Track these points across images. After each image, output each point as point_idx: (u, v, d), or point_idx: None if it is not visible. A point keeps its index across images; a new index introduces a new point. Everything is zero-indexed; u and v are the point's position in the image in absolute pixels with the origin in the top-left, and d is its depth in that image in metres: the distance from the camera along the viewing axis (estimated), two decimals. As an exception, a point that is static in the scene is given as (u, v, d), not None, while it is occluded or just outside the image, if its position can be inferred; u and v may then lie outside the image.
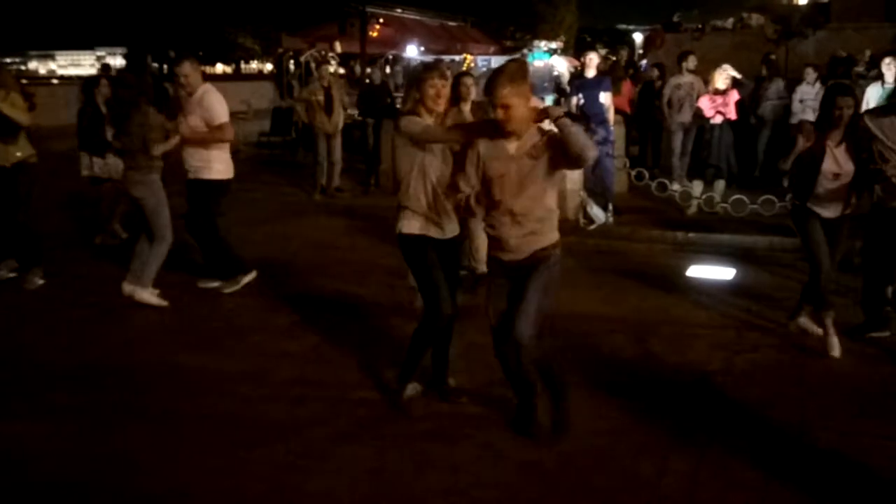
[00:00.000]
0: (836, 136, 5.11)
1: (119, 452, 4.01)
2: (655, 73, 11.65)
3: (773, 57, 11.44)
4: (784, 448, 4.04)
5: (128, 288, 6.26)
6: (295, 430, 4.22)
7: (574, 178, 8.92)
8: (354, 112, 12.70)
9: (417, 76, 4.31)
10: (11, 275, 6.93)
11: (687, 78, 10.62)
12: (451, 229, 4.34)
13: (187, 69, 6.21)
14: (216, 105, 6.24)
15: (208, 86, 6.35)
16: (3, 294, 6.66)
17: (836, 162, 5.11)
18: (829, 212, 5.22)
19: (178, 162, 6.46)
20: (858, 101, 5.46)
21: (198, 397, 4.65)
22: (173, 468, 3.86)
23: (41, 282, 6.79)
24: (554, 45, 19.94)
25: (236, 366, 5.12)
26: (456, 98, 5.81)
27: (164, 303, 6.26)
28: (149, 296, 6.25)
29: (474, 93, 6.38)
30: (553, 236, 3.98)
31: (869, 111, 5.72)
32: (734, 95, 8.96)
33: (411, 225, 4.25)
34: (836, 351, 5.20)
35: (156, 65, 29.90)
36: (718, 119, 8.98)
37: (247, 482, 3.74)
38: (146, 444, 4.08)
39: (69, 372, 5.03)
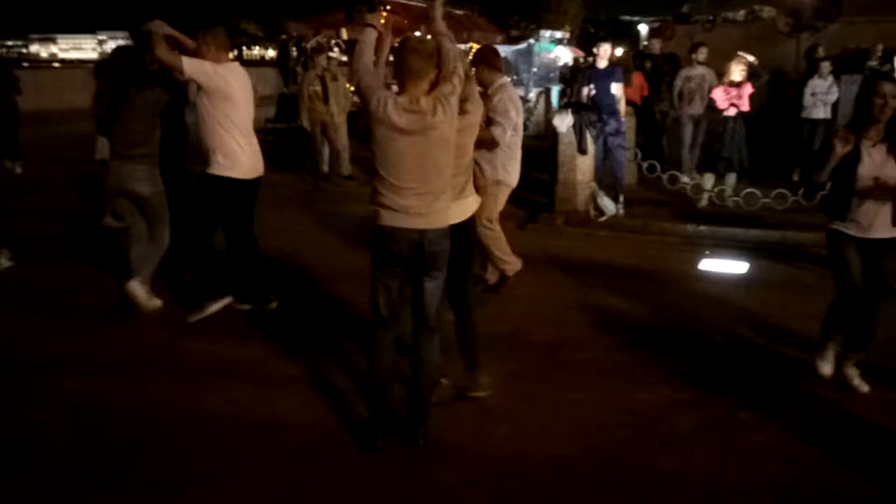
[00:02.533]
0: (875, 133, 4.31)
1: (137, 440, 3.98)
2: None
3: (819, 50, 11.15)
4: (808, 444, 4.01)
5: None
6: (287, 430, 4.16)
7: (584, 169, 8.87)
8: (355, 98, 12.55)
9: None
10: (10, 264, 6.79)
11: (698, 70, 10.56)
12: None
13: None
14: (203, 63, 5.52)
15: (229, 65, 5.94)
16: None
17: (875, 164, 4.29)
18: (870, 231, 4.37)
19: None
20: None
21: (189, 396, 4.56)
22: (192, 455, 3.83)
23: (8, 264, 6.68)
24: (559, 34, 19.78)
25: (229, 362, 5.03)
26: None
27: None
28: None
29: None
30: None
31: None
32: (748, 88, 8.89)
33: None
34: (825, 370, 4.70)
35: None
36: (732, 111, 8.91)
37: (235, 482, 3.68)
38: (165, 431, 4.06)
39: (80, 359, 5.00)
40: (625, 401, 4.43)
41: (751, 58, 9.04)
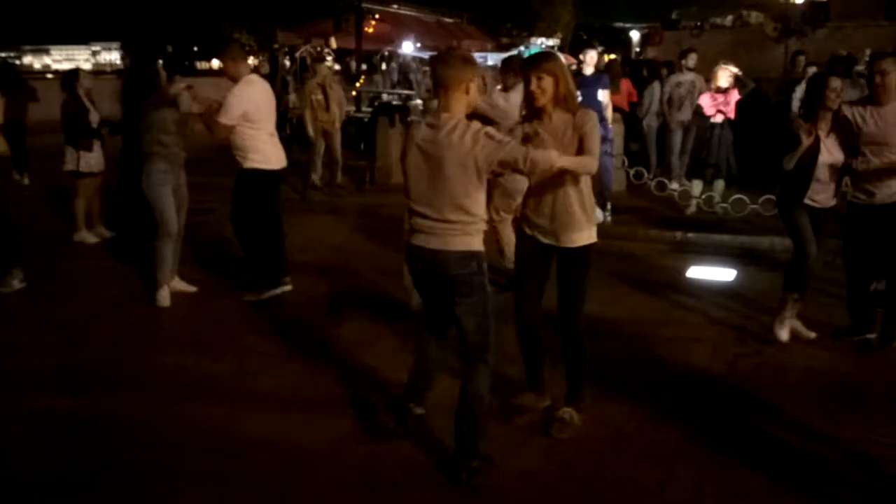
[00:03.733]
0: (825, 124, 5.11)
1: (100, 459, 3.87)
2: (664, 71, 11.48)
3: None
4: (790, 455, 3.93)
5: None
6: (284, 436, 4.08)
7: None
8: (351, 108, 12.56)
9: None
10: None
11: (688, 76, 10.53)
12: None
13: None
14: (228, 98, 5.99)
15: (247, 78, 6.11)
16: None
17: (830, 152, 5.11)
18: (820, 202, 5.22)
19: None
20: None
21: (184, 401, 4.51)
22: (161, 474, 3.73)
23: (21, 285, 6.58)
24: (551, 42, 19.78)
25: (225, 368, 4.99)
26: None
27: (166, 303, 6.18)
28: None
29: None
30: None
31: (849, 101, 5.40)
32: (735, 95, 8.83)
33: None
34: (783, 336, 5.37)
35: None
36: (719, 118, 8.85)
37: (232, 490, 3.61)
38: (132, 450, 3.95)
39: (52, 375, 4.89)
40: (602, 413, 4.32)
41: (735, 69, 8.97)
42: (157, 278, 6.20)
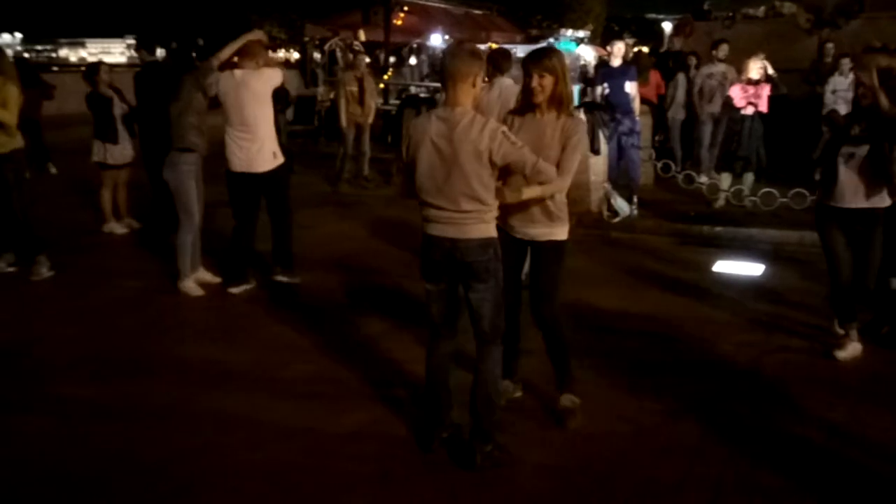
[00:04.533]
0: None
1: (121, 448, 3.92)
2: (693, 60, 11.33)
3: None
4: (813, 453, 3.86)
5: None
6: (304, 429, 4.10)
7: (598, 169, 8.73)
8: (379, 101, 12.59)
9: None
10: (10, 269, 6.84)
11: (719, 67, 10.40)
12: None
13: None
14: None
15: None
16: (12, 285, 6.58)
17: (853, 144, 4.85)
18: (848, 202, 4.91)
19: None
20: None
21: (206, 391, 4.55)
22: (179, 466, 3.76)
23: (49, 273, 6.70)
24: (581, 34, 19.58)
25: (247, 359, 5.02)
26: None
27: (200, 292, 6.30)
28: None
29: None
30: None
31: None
32: (767, 88, 8.67)
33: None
34: (845, 354, 4.97)
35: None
36: (750, 110, 8.71)
37: (251, 481, 3.63)
38: (152, 441, 3.99)
39: (76, 364, 4.96)
40: (624, 410, 4.29)
41: (771, 70, 8.78)
42: (179, 269, 6.26)
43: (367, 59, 13.20)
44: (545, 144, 3.85)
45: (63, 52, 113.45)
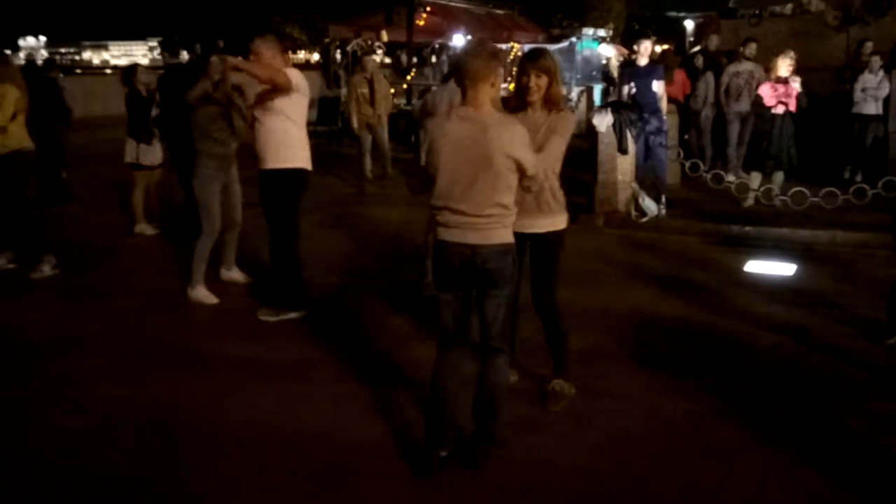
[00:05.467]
0: None
1: (160, 450, 3.94)
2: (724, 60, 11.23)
3: None
4: (854, 456, 3.82)
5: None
6: (338, 428, 4.11)
7: (625, 169, 8.68)
8: (401, 102, 12.58)
9: None
10: (10, 265, 6.92)
11: (746, 65, 10.32)
12: None
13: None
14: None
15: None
16: (44, 286, 6.63)
17: None
18: None
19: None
20: None
21: (241, 391, 4.57)
22: (216, 464, 3.77)
23: (53, 272, 6.75)
24: (602, 32, 19.50)
25: (280, 358, 5.04)
26: None
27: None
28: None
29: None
30: None
31: None
32: (796, 86, 8.57)
33: None
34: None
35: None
36: (780, 109, 8.62)
37: (289, 481, 3.64)
38: (187, 441, 4.01)
39: (112, 365, 5.00)
40: (660, 411, 4.25)
41: (798, 86, 8.67)
42: (192, 276, 6.10)
43: (377, 59, 13.15)
44: (537, 141, 3.92)
45: (87, 55, 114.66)
